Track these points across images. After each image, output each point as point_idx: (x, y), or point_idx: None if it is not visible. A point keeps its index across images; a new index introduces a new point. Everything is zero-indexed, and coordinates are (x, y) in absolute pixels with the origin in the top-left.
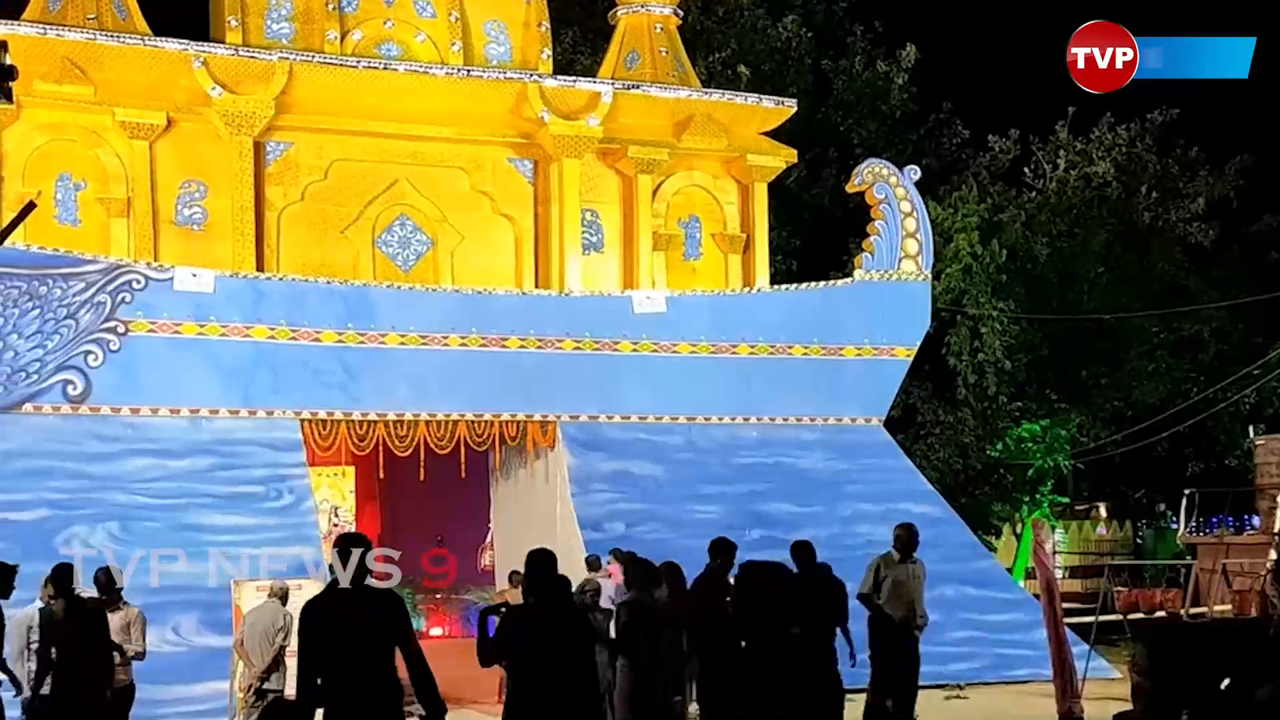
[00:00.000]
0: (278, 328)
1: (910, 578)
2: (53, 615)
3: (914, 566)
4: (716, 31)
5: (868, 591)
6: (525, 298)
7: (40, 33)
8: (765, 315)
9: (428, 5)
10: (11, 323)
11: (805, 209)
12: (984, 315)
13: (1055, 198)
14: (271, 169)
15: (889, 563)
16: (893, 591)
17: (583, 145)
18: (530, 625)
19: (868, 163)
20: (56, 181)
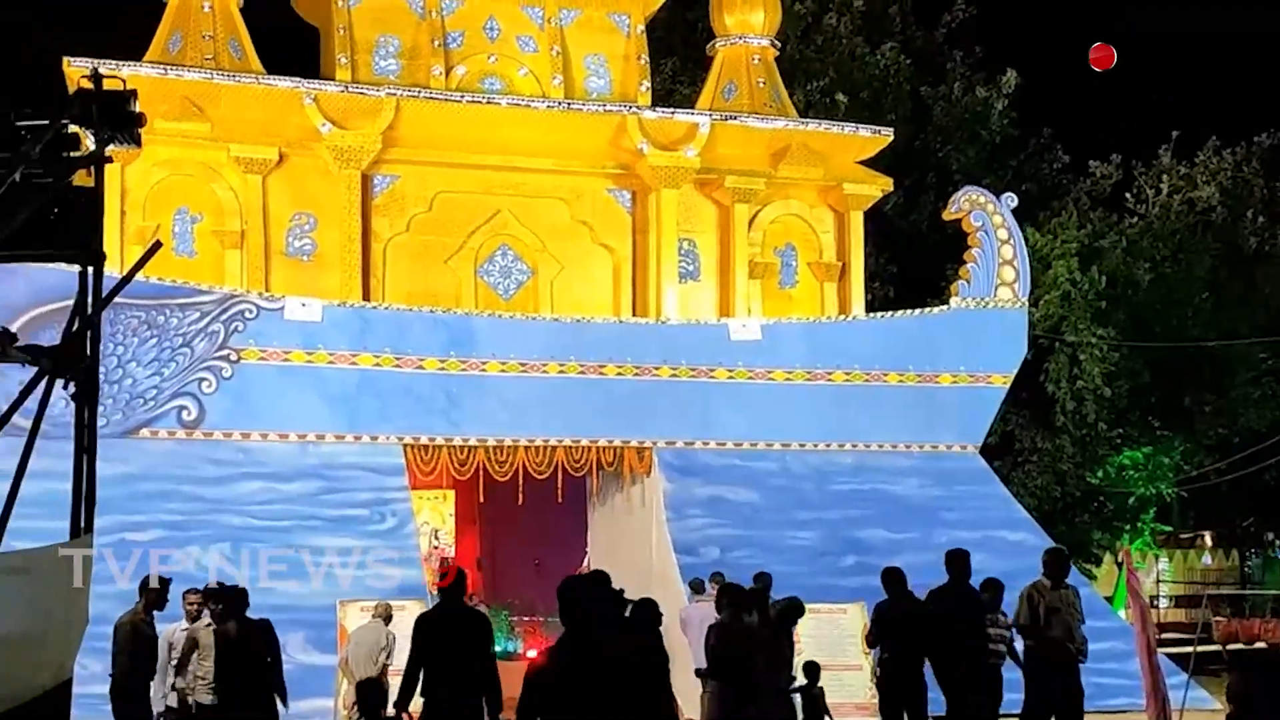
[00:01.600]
0: (383, 355)
1: (1065, 605)
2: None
3: (1066, 592)
4: (814, 60)
5: (1027, 622)
6: (623, 325)
7: (161, 73)
8: (860, 342)
9: (530, 40)
10: (131, 351)
11: (903, 235)
12: (1083, 342)
13: (1158, 223)
14: (378, 201)
15: (1043, 590)
16: (1050, 620)
17: (680, 176)
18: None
19: (964, 190)
20: (175, 215)
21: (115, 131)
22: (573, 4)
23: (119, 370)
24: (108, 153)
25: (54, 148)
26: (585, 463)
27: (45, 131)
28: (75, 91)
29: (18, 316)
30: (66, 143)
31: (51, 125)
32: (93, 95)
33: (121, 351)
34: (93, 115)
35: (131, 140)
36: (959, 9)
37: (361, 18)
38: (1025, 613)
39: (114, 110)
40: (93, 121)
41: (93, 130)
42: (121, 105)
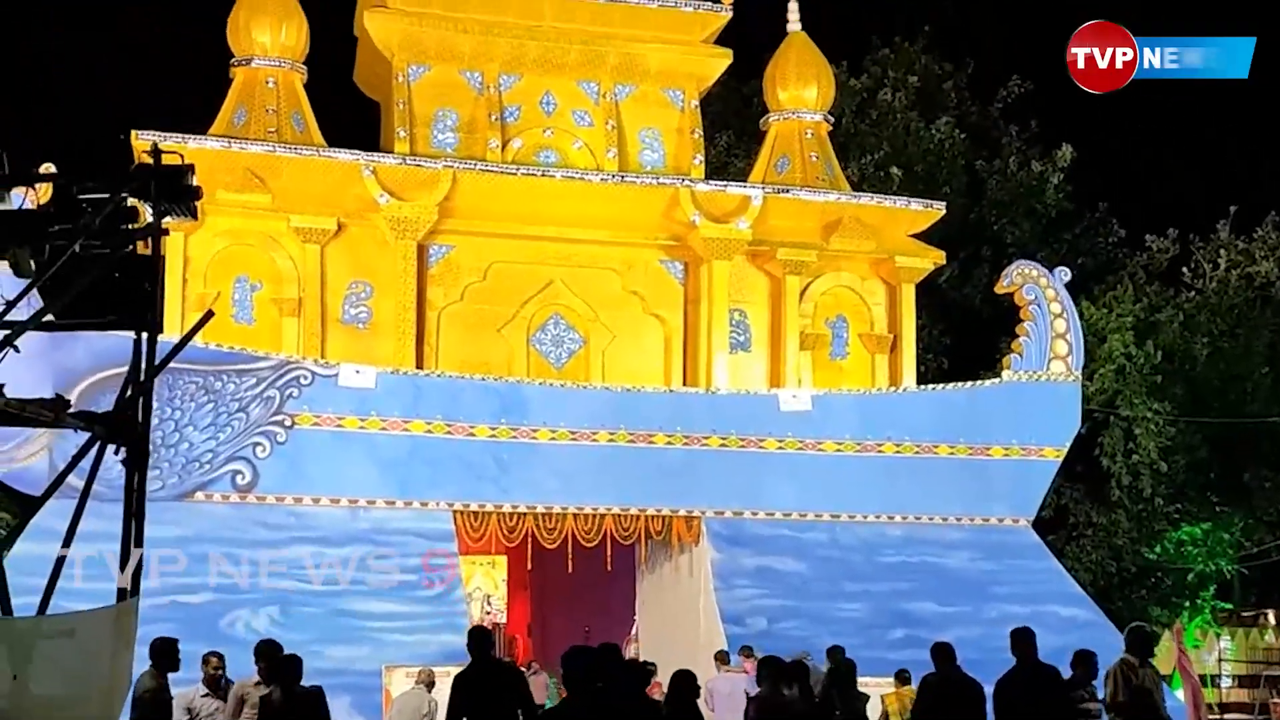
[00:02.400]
0: (434, 422)
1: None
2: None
3: (1151, 671)
4: (869, 134)
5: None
6: (673, 395)
7: (225, 146)
8: (911, 414)
9: (586, 115)
10: (188, 416)
11: (957, 308)
12: (1138, 417)
13: (1215, 298)
14: (434, 270)
15: (1131, 667)
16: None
17: (732, 247)
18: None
19: (1017, 264)
20: (235, 283)
21: (172, 205)
22: (628, 79)
23: (176, 434)
24: (164, 225)
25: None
26: (634, 531)
27: (105, 205)
28: (135, 166)
29: (79, 381)
30: (126, 215)
31: (111, 199)
32: (152, 170)
33: (179, 416)
34: (151, 189)
35: (188, 213)
36: (1014, 84)
37: (421, 93)
38: (1121, 691)
39: (172, 184)
40: (151, 195)
41: (150, 203)
42: (179, 179)
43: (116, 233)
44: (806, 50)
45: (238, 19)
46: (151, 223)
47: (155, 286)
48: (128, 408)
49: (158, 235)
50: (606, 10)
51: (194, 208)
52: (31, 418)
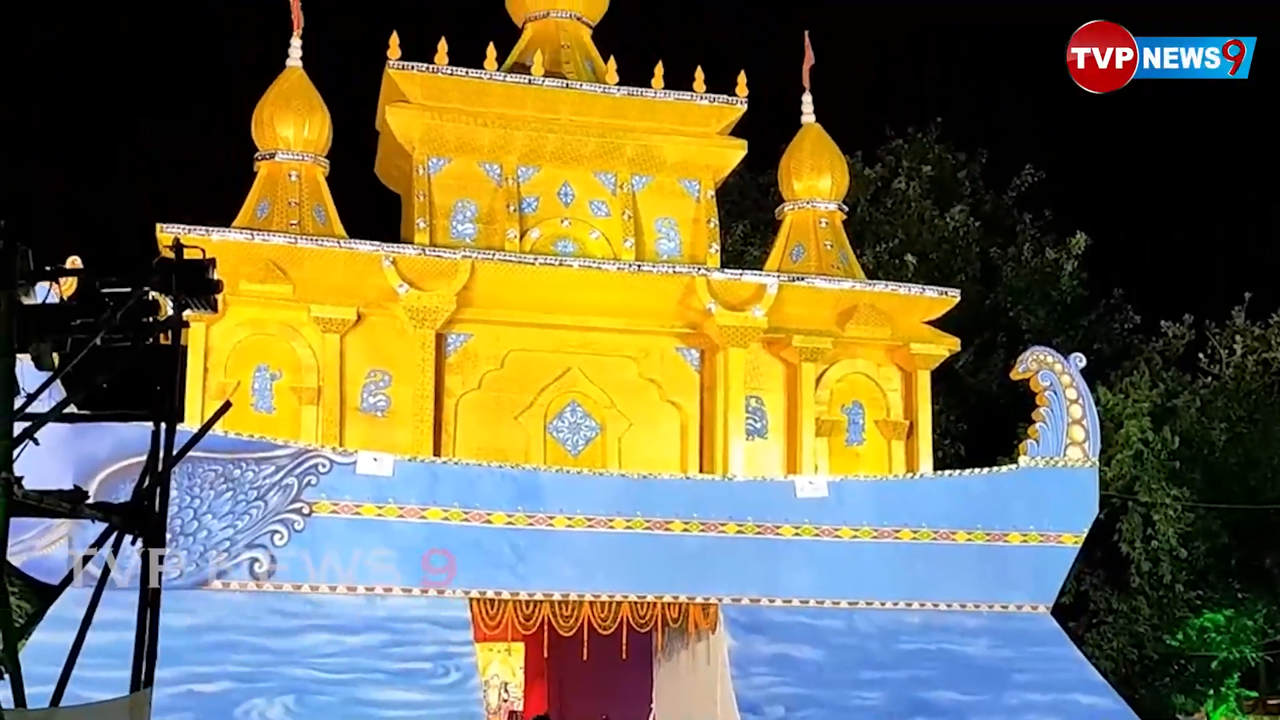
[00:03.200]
0: (451, 510)
1: None
2: None
3: None
4: (884, 223)
5: None
6: (689, 482)
7: (248, 238)
8: (928, 501)
9: (602, 205)
10: (207, 504)
11: (973, 394)
12: (1157, 502)
13: (1233, 383)
14: (451, 359)
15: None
16: None
17: (748, 335)
18: None
19: (1032, 350)
20: (255, 372)
21: (193, 298)
22: (645, 171)
23: (194, 522)
24: (185, 317)
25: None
26: (651, 619)
27: (127, 299)
28: (157, 260)
29: (101, 469)
30: (148, 308)
31: (133, 293)
32: (173, 264)
33: (198, 504)
34: (172, 283)
35: (208, 306)
36: (1027, 173)
37: (441, 184)
38: None
39: (193, 278)
40: (172, 289)
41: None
42: (200, 273)
43: (138, 326)
44: (820, 141)
45: (262, 115)
46: (172, 316)
47: (174, 378)
48: (145, 498)
49: (178, 328)
50: (623, 104)
51: (214, 301)
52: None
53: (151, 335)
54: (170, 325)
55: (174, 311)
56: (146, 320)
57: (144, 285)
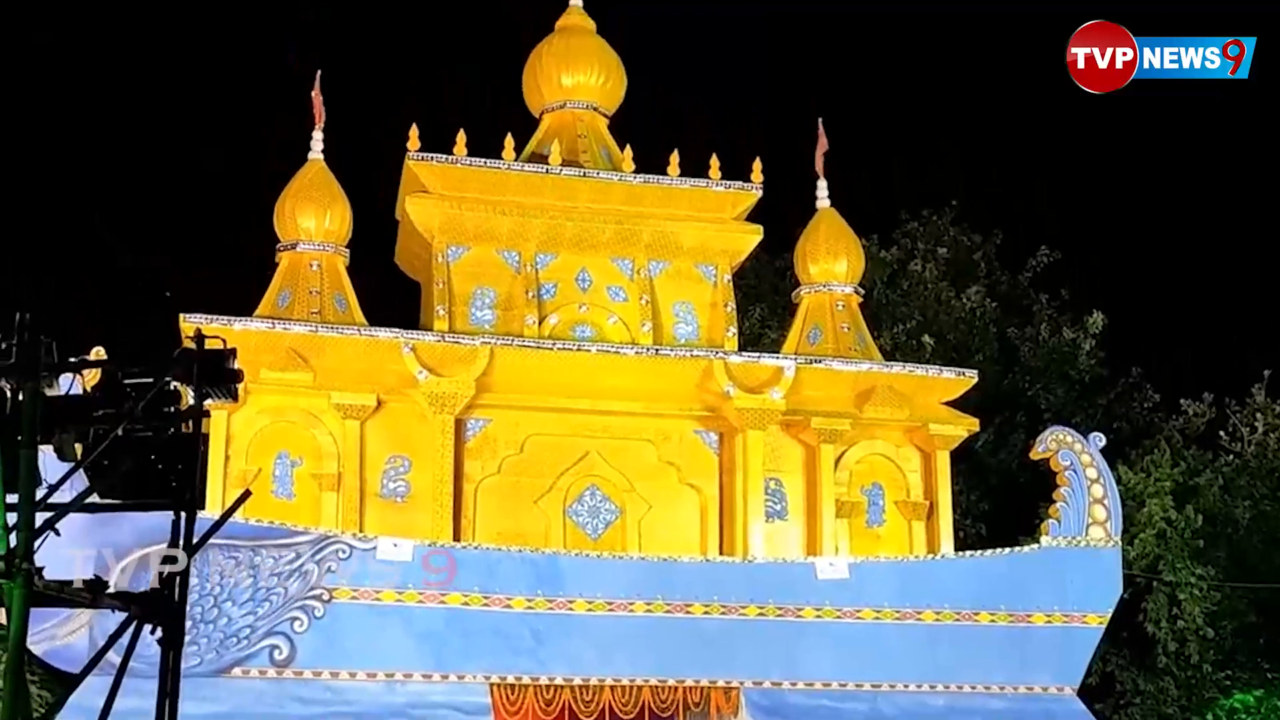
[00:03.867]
0: (471, 594)
1: None
2: None
3: None
4: (901, 304)
5: None
6: (710, 564)
7: (270, 327)
8: (951, 582)
9: (620, 290)
10: (227, 591)
11: (994, 473)
12: (1182, 582)
13: (1255, 461)
14: (471, 444)
15: None
16: None
17: (767, 417)
18: None
19: (1051, 430)
20: (275, 459)
21: (213, 388)
22: (662, 256)
23: (215, 609)
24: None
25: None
26: (672, 702)
27: (149, 389)
28: (178, 351)
29: (123, 557)
30: (169, 398)
31: (155, 384)
32: (195, 354)
33: (218, 591)
34: (194, 373)
35: (229, 396)
36: (1043, 254)
37: (460, 272)
38: None
39: (213, 368)
40: (193, 379)
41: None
42: (221, 363)
43: (159, 416)
44: (835, 225)
45: (284, 207)
46: (194, 405)
47: (194, 467)
48: (165, 587)
49: (199, 419)
50: (640, 191)
51: (235, 390)
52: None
53: (173, 425)
54: (192, 415)
55: (195, 401)
56: (168, 410)
57: (166, 376)
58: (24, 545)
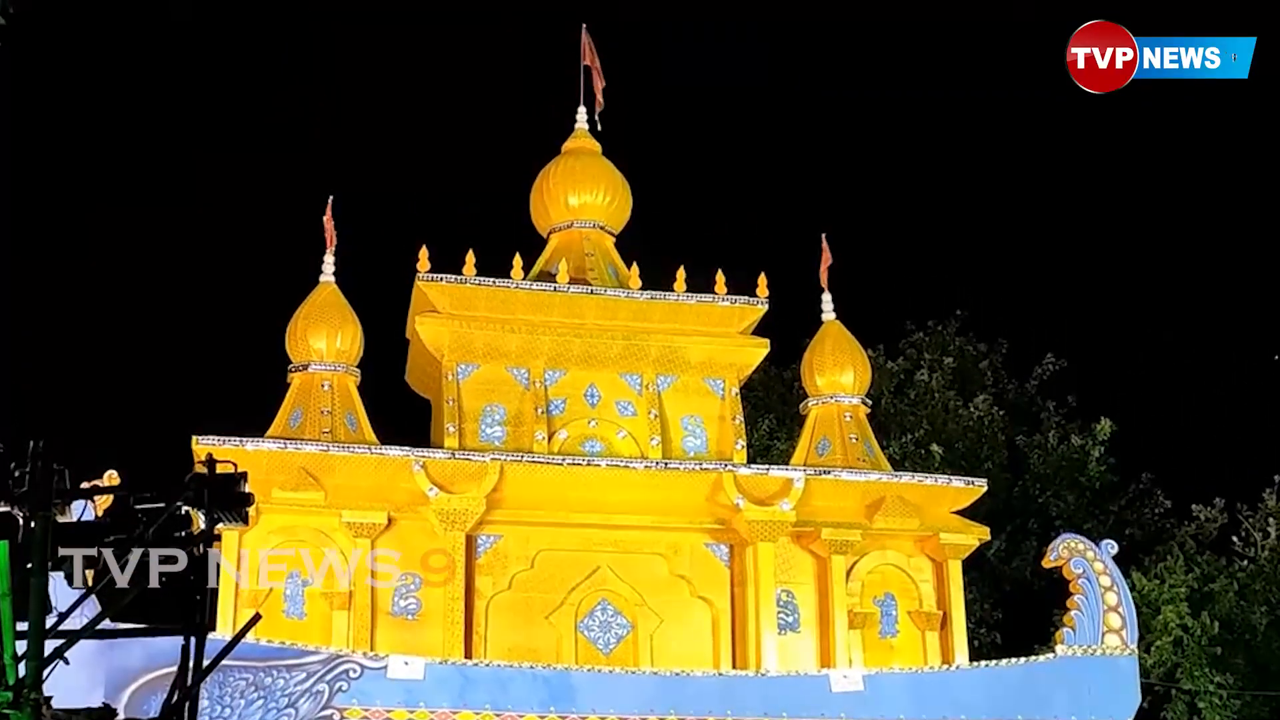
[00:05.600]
0: (483, 712)
1: None
2: None
3: None
4: (909, 413)
5: None
6: (722, 678)
7: (281, 447)
8: (966, 692)
9: (629, 405)
10: (238, 713)
11: (1006, 581)
12: (1201, 690)
13: (1269, 566)
14: (481, 560)
15: None
16: None
17: (777, 529)
18: None
19: (1062, 538)
20: (287, 578)
21: (224, 512)
22: (669, 371)
23: None
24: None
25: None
26: None
27: (159, 515)
28: (189, 476)
29: (134, 680)
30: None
31: (166, 509)
32: (205, 479)
33: (228, 713)
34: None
35: (239, 519)
36: (1049, 362)
37: (469, 390)
38: None
39: (224, 492)
40: (204, 503)
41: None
42: (231, 487)
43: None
44: (841, 338)
45: (295, 329)
46: (204, 530)
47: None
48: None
49: (209, 543)
50: (647, 307)
51: (245, 514)
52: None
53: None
54: (202, 539)
55: (205, 526)
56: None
57: (177, 500)
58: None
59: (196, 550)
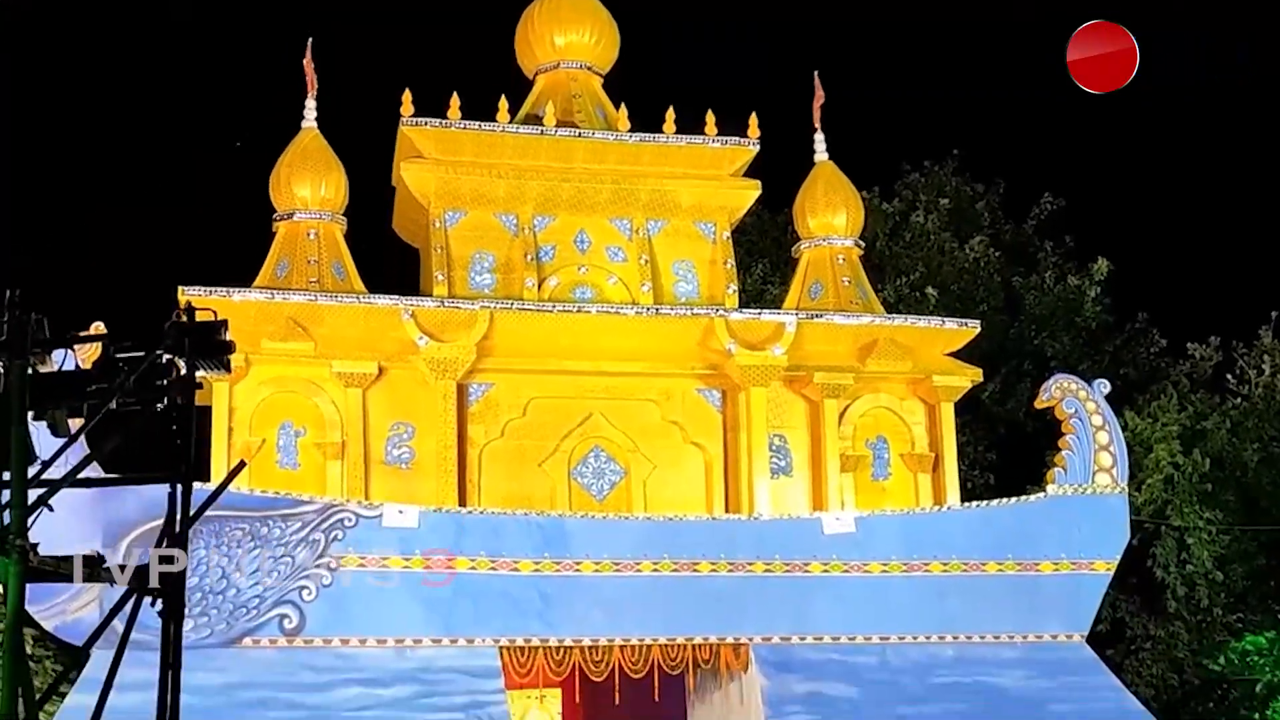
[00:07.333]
0: (478, 559)
1: None
2: None
3: None
4: (904, 256)
5: None
6: (715, 522)
7: (269, 297)
8: (957, 533)
9: (619, 251)
10: (235, 562)
11: (1001, 423)
12: (1190, 526)
13: (1263, 403)
14: (474, 409)
15: None
16: None
17: (769, 374)
18: None
19: (1055, 378)
20: (279, 429)
21: (205, 360)
22: (660, 215)
23: (223, 581)
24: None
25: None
26: (681, 660)
27: (139, 363)
28: (169, 324)
29: (130, 531)
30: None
31: (146, 357)
32: (185, 327)
33: (226, 563)
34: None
35: (221, 367)
36: (1046, 201)
37: (458, 237)
38: None
39: (204, 340)
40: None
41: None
42: (211, 335)
43: (151, 389)
44: (834, 179)
45: (279, 176)
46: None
47: (189, 439)
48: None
49: (191, 390)
50: (636, 150)
51: (227, 361)
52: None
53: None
54: (182, 387)
55: (186, 374)
56: (160, 383)
57: (156, 349)
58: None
59: (179, 399)
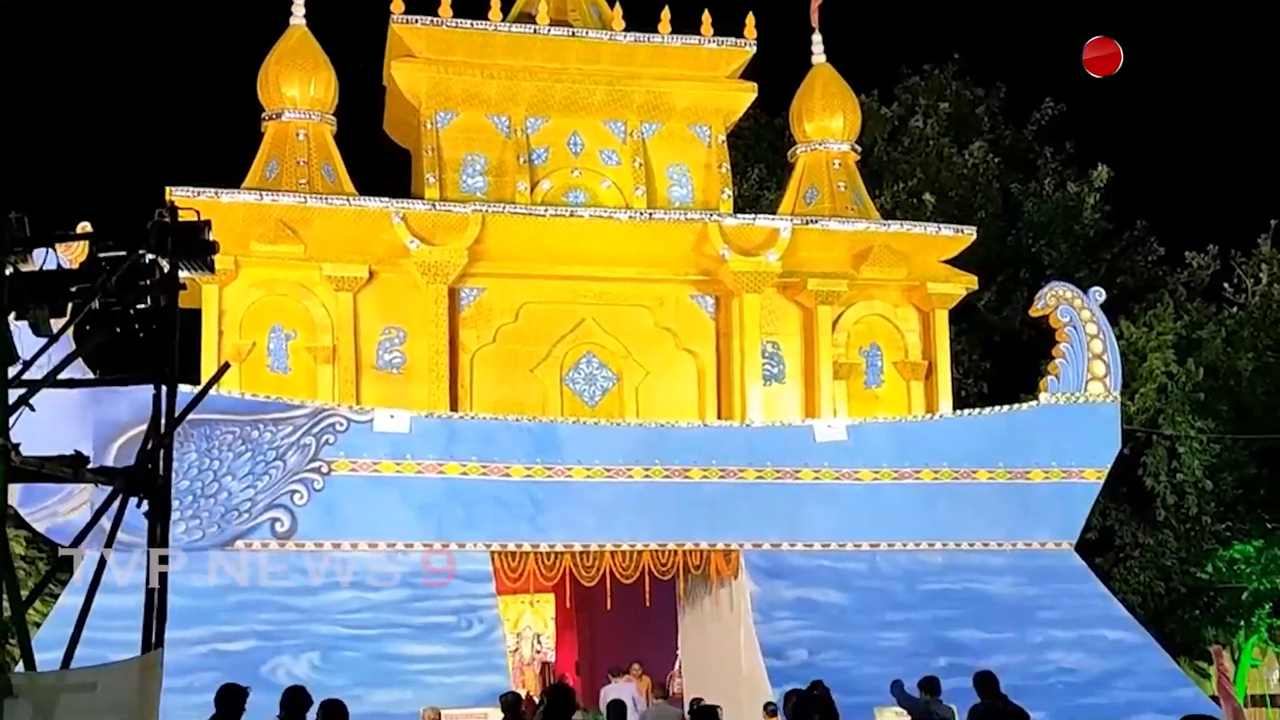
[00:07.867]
0: (469, 464)
1: None
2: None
3: None
4: (902, 161)
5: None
6: (707, 429)
7: (257, 199)
8: (949, 440)
9: (613, 154)
10: (226, 465)
11: (996, 331)
12: (1182, 435)
13: (1259, 313)
14: (465, 314)
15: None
16: None
17: (763, 280)
18: None
19: (1050, 286)
20: (270, 332)
21: (188, 260)
22: (654, 117)
23: (215, 484)
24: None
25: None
26: (672, 566)
27: (121, 263)
28: (151, 224)
29: (122, 433)
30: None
31: (128, 257)
32: (168, 227)
33: (217, 466)
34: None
35: (204, 268)
36: (1047, 106)
37: (449, 138)
38: None
39: (187, 240)
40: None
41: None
42: (194, 235)
43: (134, 289)
44: (831, 82)
45: (267, 74)
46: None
47: (172, 340)
48: (148, 460)
49: (173, 290)
50: (630, 50)
51: (210, 262)
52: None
53: (146, 297)
54: (165, 287)
55: (169, 273)
56: (143, 283)
57: (139, 249)
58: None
59: (161, 299)
